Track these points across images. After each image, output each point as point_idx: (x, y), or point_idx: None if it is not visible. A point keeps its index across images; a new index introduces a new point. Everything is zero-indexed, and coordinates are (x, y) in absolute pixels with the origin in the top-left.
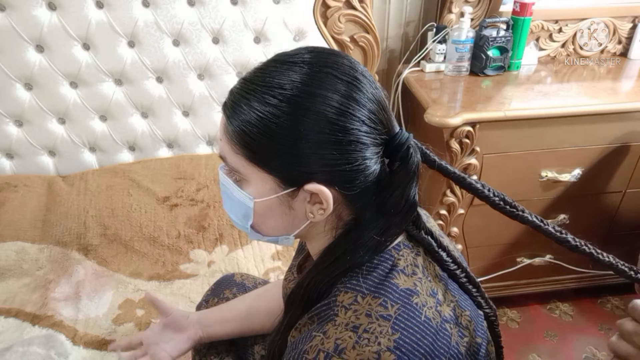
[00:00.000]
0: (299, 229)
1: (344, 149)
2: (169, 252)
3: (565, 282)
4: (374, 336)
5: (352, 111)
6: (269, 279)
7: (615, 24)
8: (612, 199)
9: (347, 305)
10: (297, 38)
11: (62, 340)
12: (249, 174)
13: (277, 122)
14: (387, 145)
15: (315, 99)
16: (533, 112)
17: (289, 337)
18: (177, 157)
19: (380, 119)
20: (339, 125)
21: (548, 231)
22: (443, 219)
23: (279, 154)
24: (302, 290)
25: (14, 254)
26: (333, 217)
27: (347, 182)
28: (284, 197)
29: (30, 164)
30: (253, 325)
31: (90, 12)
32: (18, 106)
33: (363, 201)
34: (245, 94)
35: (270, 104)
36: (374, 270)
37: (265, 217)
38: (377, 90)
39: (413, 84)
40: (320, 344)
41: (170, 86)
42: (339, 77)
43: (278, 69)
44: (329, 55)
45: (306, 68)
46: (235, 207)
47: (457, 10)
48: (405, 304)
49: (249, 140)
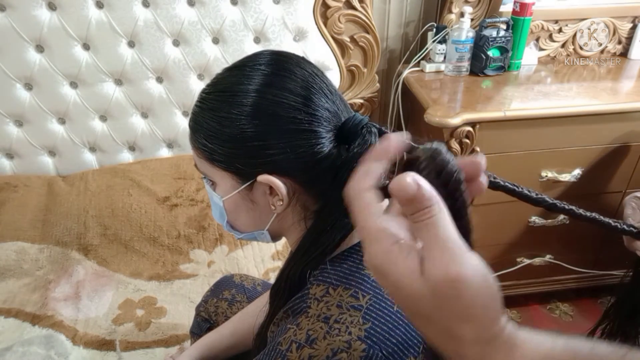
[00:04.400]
0: (268, 223)
1: (286, 138)
2: (169, 252)
3: (565, 282)
4: (344, 326)
5: (289, 102)
6: (268, 279)
7: (615, 24)
8: (612, 199)
9: (319, 297)
10: (297, 38)
11: (62, 340)
12: (214, 175)
13: (220, 121)
14: (340, 130)
15: (248, 94)
16: (533, 112)
17: (269, 332)
18: (177, 157)
19: (327, 107)
20: (277, 116)
21: (523, 194)
22: None
23: (228, 151)
24: (283, 280)
25: (14, 254)
26: (298, 207)
27: (297, 170)
28: (244, 192)
29: (30, 164)
30: (244, 342)
31: (90, 12)
32: (18, 106)
33: (320, 187)
34: (199, 103)
35: (216, 107)
36: (345, 261)
37: (235, 213)
38: (321, 82)
39: (413, 84)
40: (293, 336)
41: (170, 86)
42: (266, 70)
43: (227, 76)
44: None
45: (247, 69)
46: (214, 208)
47: (457, 10)
48: (376, 294)
49: (204, 142)
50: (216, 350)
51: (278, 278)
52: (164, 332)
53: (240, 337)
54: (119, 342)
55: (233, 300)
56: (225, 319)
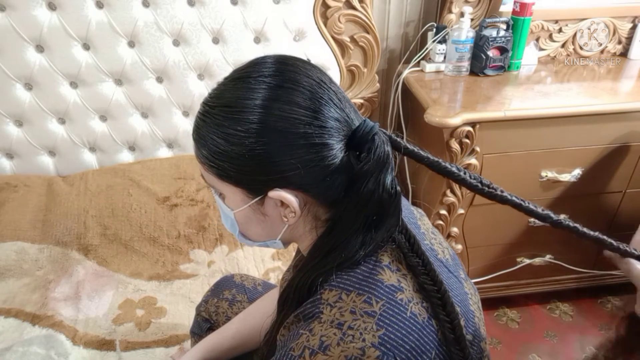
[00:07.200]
0: (281, 233)
1: (297, 154)
2: (169, 252)
3: (565, 282)
4: (358, 332)
5: (298, 116)
6: (268, 279)
7: (615, 24)
8: (612, 199)
9: (332, 302)
10: (297, 38)
11: (62, 340)
12: (223, 189)
13: (226, 138)
14: (351, 139)
15: (255, 109)
16: (533, 112)
17: (279, 336)
18: (177, 157)
19: (337, 117)
20: (286, 132)
21: (529, 209)
22: (443, 219)
23: (237, 168)
24: (292, 288)
25: (14, 254)
26: (309, 217)
27: (308, 183)
28: (255, 206)
29: (30, 164)
30: (246, 344)
31: (90, 12)
32: (18, 106)
33: (333, 197)
34: (203, 117)
35: (221, 123)
36: (358, 266)
37: (247, 224)
38: (329, 91)
39: (413, 84)
40: (306, 341)
41: (170, 86)
42: (271, 83)
43: (230, 88)
44: (280, 64)
45: (252, 80)
46: (225, 219)
47: (457, 10)
48: (390, 300)
49: (212, 159)
50: (218, 352)
51: (287, 287)
52: (164, 332)
53: (242, 339)
54: (119, 342)
55: (233, 300)
56: (225, 319)
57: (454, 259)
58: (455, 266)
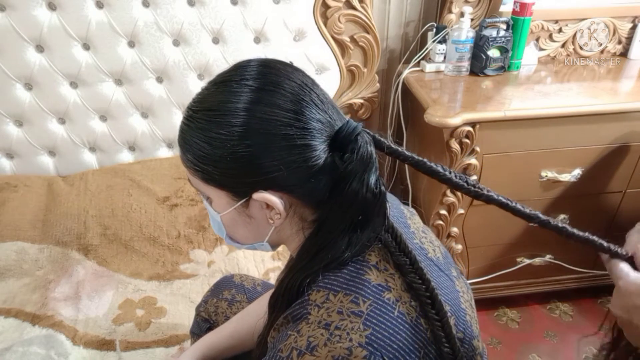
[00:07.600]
0: (268, 235)
1: (280, 156)
2: (169, 252)
3: (565, 282)
4: (345, 332)
5: (280, 118)
6: (268, 279)
7: (615, 24)
8: (612, 199)
9: (319, 303)
10: (297, 38)
11: (62, 340)
12: (209, 192)
13: (210, 142)
14: (334, 140)
15: (237, 112)
16: (533, 112)
17: (269, 338)
18: (177, 157)
19: (319, 119)
20: (269, 135)
21: (516, 209)
22: (443, 219)
23: (221, 172)
24: (282, 290)
25: (14, 254)
26: (296, 219)
27: (293, 184)
28: (240, 209)
29: (30, 164)
30: (244, 343)
31: (90, 12)
32: (18, 106)
33: (318, 198)
34: (187, 121)
35: (204, 127)
36: (345, 267)
37: (233, 227)
38: (311, 93)
39: (413, 84)
40: (294, 342)
41: (170, 86)
42: (253, 86)
43: (213, 92)
44: (263, 67)
45: (234, 84)
46: (213, 222)
47: (457, 10)
48: (377, 299)
49: (197, 163)
50: (216, 350)
51: (276, 289)
52: (164, 332)
53: (240, 338)
54: (119, 342)
55: (233, 301)
56: (225, 319)
57: (445, 257)
58: (446, 264)
